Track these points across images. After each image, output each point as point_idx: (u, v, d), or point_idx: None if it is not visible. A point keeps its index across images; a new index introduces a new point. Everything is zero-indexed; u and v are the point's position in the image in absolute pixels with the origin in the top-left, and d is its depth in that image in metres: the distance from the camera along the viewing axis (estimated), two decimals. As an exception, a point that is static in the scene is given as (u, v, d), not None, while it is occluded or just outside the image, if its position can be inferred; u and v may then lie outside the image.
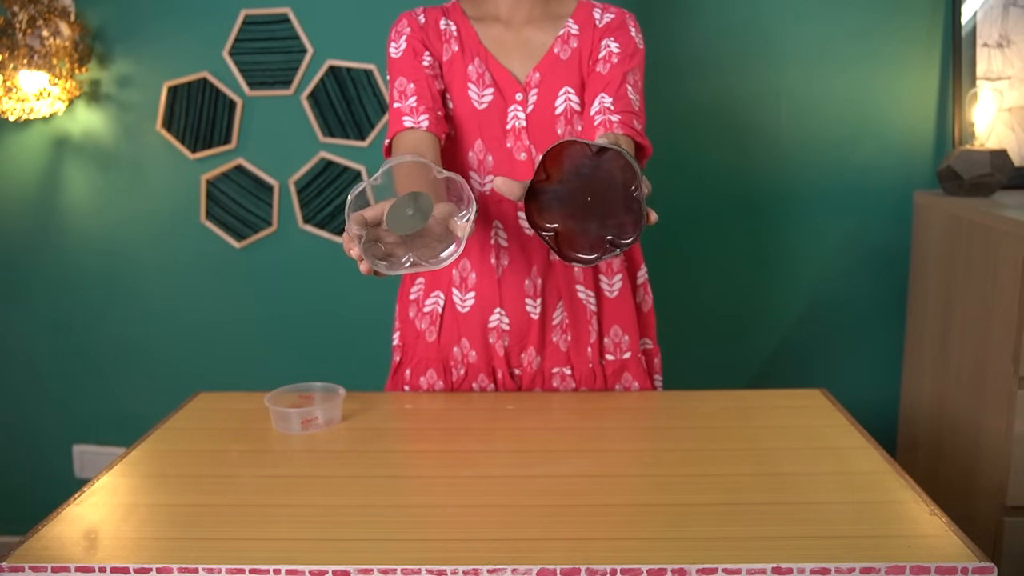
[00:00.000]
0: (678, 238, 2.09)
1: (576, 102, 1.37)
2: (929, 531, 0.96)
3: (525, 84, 1.39)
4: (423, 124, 1.33)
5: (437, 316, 1.43)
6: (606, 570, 0.89)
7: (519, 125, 1.38)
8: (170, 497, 1.07)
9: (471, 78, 1.38)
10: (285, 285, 2.16)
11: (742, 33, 2.02)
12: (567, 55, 1.39)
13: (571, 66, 1.39)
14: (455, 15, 1.43)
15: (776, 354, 2.15)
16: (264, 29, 2.04)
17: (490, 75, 1.38)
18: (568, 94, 1.37)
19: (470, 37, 1.40)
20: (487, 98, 1.38)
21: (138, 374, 2.22)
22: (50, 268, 2.20)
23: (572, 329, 1.42)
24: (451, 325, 1.43)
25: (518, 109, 1.38)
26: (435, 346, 1.44)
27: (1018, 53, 1.96)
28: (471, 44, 1.40)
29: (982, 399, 1.72)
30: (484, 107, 1.38)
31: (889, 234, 2.08)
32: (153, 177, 2.14)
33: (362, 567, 0.90)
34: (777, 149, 2.06)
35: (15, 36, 1.97)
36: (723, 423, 1.27)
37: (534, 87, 1.38)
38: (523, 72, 1.39)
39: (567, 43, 1.39)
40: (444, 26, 1.41)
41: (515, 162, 1.39)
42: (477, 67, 1.39)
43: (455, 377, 1.44)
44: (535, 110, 1.38)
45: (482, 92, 1.38)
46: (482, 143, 1.39)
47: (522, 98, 1.38)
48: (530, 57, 1.40)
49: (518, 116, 1.38)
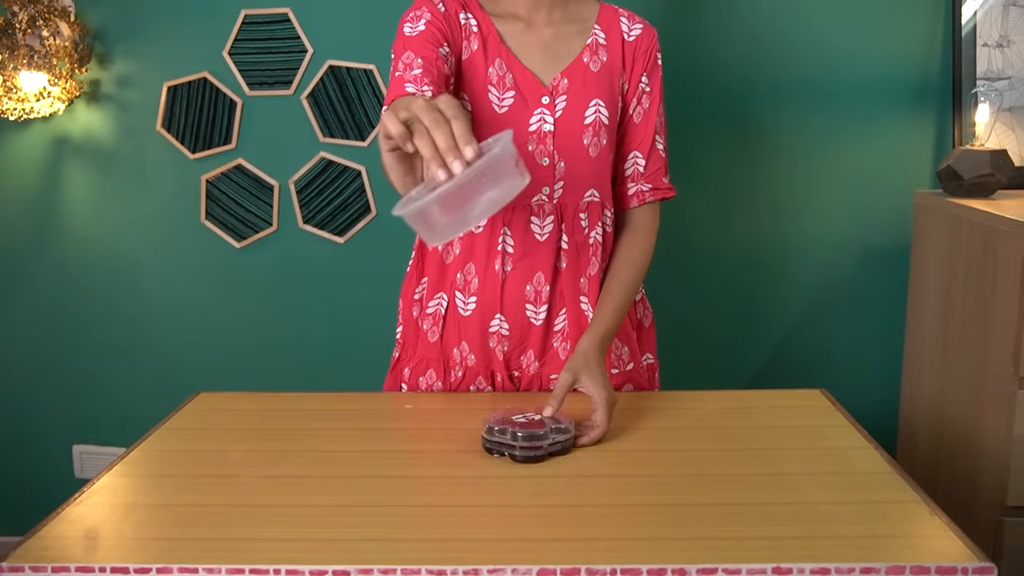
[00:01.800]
0: (678, 238, 2.09)
1: (606, 115, 1.36)
2: (929, 531, 0.95)
3: (552, 88, 1.35)
4: (427, 94, 1.20)
5: (440, 317, 1.43)
6: (606, 570, 0.89)
7: (545, 129, 1.34)
8: (170, 497, 1.07)
9: (492, 80, 1.34)
10: (285, 285, 2.16)
11: (742, 33, 2.02)
12: (597, 67, 1.37)
13: (602, 79, 1.37)
14: (473, 7, 1.37)
15: (776, 354, 2.15)
16: (264, 29, 2.04)
17: (512, 77, 1.34)
18: (599, 106, 1.36)
19: (492, 35, 1.35)
20: (508, 102, 1.34)
21: (138, 374, 2.22)
22: (50, 268, 2.20)
23: (571, 339, 1.40)
24: (452, 327, 1.42)
25: (545, 113, 1.34)
26: (436, 346, 1.44)
27: (1018, 53, 1.96)
28: (493, 43, 1.35)
29: (982, 399, 1.72)
30: (505, 111, 1.34)
31: (889, 234, 2.08)
32: (153, 177, 2.14)
33: (362, 567, 0.89)
34: (777, 149, 2.06)
35: (15, 36, 1.97)
36: (723, 423, 1.27)
37: (562, 93, 1.35)
38: (548, 75, 1.35)
39: (596, 54, 1.37)
40: (464, 20, 1.35)
41: (535, 167, 1.34)
42: (498, 69, 1.34)
43: (453, 378, 1.44)
44: (564, 116, 1.34)
45: (503, 96, 1.34)
46: None
47: (548, 102, 1.35)
48: (555, 61, 1.36)
49: (545, 119, 1.34)
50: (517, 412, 1.16)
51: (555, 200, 1.36)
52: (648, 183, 1.42)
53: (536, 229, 1.36)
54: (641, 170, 1.42)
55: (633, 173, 1.42)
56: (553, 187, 1.35)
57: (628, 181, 1.42)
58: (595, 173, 1.37)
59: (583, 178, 1.36)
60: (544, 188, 1.35)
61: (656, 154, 1.42)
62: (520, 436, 1.11)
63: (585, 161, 1.36)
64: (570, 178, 1.36)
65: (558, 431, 1.13)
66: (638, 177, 1.42)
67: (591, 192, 1.38)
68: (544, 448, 1.12)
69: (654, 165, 1.42)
